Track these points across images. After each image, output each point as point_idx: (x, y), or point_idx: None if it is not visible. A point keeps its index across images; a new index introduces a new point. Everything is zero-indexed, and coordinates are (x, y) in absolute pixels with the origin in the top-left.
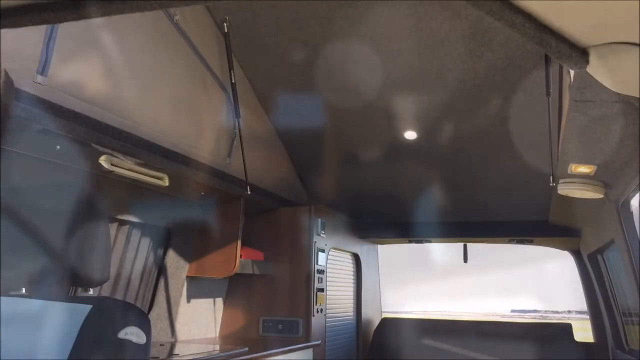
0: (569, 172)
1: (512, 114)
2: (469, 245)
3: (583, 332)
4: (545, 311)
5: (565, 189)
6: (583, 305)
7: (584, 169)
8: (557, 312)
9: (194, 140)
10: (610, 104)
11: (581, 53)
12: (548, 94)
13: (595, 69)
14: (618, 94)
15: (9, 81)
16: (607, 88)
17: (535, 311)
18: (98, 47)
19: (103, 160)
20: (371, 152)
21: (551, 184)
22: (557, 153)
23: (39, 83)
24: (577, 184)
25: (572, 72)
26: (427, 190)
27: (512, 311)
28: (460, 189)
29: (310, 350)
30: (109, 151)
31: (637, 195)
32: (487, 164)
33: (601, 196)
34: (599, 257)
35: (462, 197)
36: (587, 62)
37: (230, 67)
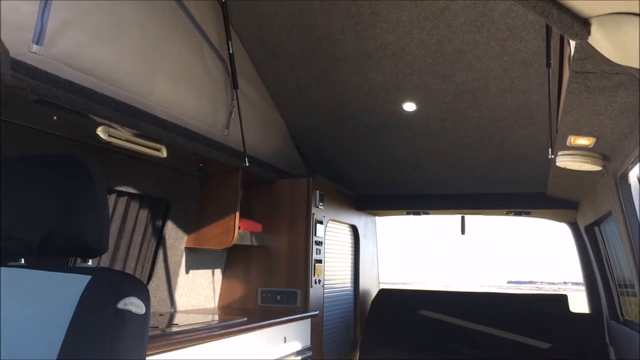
0: (567, 144)
1: (512, 85)
2: (466, 217)
3: (578, 303)
4: (541, 282)
5: (564, 161)
6: (579, 276)
7: (583, 141)
8: (552, 284)
9: (192, 111)
10: (610, 76)
11: (583, 24)
12: (548, 65)
13: (597, 39)
14: (619, 65)
15: (4, 51)
16: (608, 59)
17: (531, 282)
18: (94, 17)
19: (100, 131)
20: (370, 124)
21: (549, 156)
22: (556, 125)
23: (35, 53)
24: (575, 156)
25: (572, 43)
26: (426, 162)
27: (509, 282)
28: (459, 161)
29: (309, 320)
30: (107, 122)
31: (636, 167)
32: (486, 136)
33: (599, 168)
34: (596, 229)
35: (460, 169)
36: (588, 32)
37: (228, 38)
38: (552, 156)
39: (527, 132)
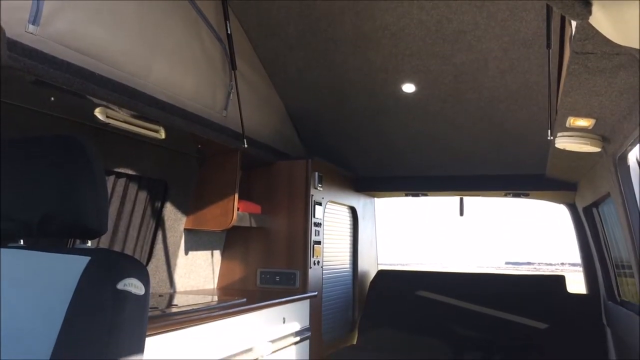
0: (567, 125)
1: (512, 66)
2: (465, 198)
3: (576, 284)
4: (539, 263)
5: (563, 143)
6: (576, 258)
7: (582, 122)
8: (550, 265)
9: (190, 92)
10: (611, 56)
11: (584, 4)
12: (548, 46)
13: (598, 20)
14: (619, 45)
15: (0, 31)
16: (608, 40)
17: (529, 263)
18: None
19: (98, 112)
20: (369, 105)
21: (549, 138)
22: (555, 106)
23: (31, 33)
24: (575, 138)
25: (573, 24)
26: (425, 143)
27: (507, 263)
28: (458, 142)
29: (308, 301)
30: (104, 103)
31: (635, 148)
32: (485, 118)
33: (599, 150)
34: (594, 210)
35: (459, 151)
36: (589, 13)
37: (226, 18)
38: (552, 137)
39: (526, 113)
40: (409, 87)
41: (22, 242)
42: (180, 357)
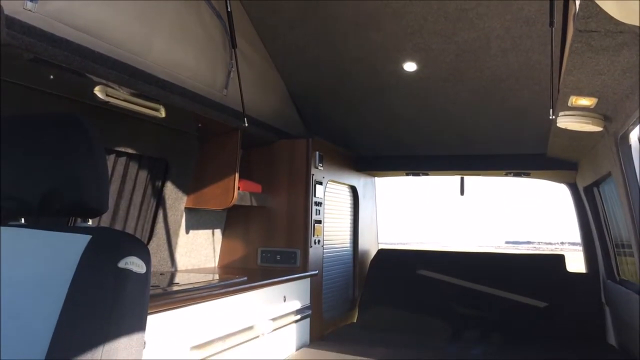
0: (569, 104)
1: (514, 45)
2: (466, 178)
3: (575, 262)
4: (539, 243)
5: (565, 122)
6: (576, 237)
7: (584, 101)
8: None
9: (190, 71)
10: (614, 35)
11: None
12: (551, 24)
13: None
14: (623, 24)
15: None
16: (612, 18)
17: (529, 243)
18: None
19: (98, 91)
20: (370, 84)
21: (550, 117)
22: (558, 85)
23: (29, 10)
24: (576, 117)
25: (577, 2)
26: (426, 123)
27: (507, 243)
28: (459, 121)
29: (308, 279)
30: (104, 81)
31: (637, 128)
32: (487, 97)
33: (600, 129)
34: (595, 189)
35: (460, 130)
36: None
37: None
38: (553, 117)
39: (528, 92)
40: (410, 66)
41: (23, 220)
42: (182, 334)
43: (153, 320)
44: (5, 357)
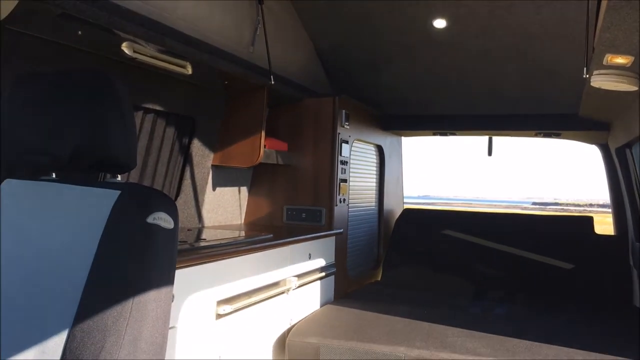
0: (604, 63)
1: (548, 1)
2: (494, 138)
3: (604, 225)
4: (567, 204)
5: (599, 81)
6: (605, 199)
7: (620, 59)
8: (578, 206)
9: (216, 27)
10: None
11: None
12: None
13: None
14: None
15: None
16: None
17: (556, 204)
18: None
19: (125, 47)
20: (398, 42)
21: (584, 76)
22: (592, 43)
23: None
24: (611, 76)
25: None
26: (454, 81)
27: (534, 204)
28: (489, 80)
29: (333, 238)
30: (131, 37)
31: None
32: (519, 55)
33: (636, 88)
34: (627, 151)
35: (490, 89)
36: None
37: None
38: (587, 75)
39: (561, 50)
40: (440, 23)
41: (54, 175)
42: (209, 289)
43: (181, 275)
44: (39, 308)
